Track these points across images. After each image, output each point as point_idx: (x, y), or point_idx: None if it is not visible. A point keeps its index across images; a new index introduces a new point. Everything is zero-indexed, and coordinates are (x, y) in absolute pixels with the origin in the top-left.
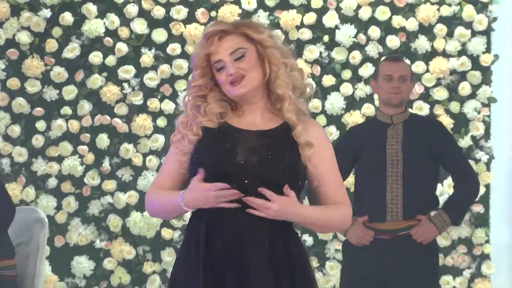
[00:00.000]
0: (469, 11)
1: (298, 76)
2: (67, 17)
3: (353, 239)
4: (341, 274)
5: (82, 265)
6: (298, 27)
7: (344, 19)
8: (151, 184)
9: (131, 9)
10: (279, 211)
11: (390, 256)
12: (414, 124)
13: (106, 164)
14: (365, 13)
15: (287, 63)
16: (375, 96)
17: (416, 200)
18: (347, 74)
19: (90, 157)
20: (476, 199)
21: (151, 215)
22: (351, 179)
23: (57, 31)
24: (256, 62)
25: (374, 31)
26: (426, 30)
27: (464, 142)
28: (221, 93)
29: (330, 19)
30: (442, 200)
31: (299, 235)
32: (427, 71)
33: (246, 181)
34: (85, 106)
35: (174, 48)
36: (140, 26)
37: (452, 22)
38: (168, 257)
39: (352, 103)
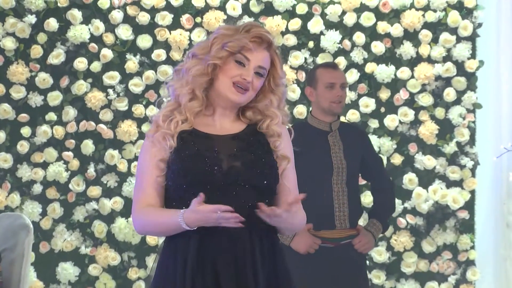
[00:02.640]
0: (454, 17)
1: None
2: (52, 23)
3: (300, 247)
4: None
5: (67, 271)
6: (283, 33)
7: (329, 25)
8: (135, 201)
9: (116, 15)
10: (276, 222)
11: (331, 262)
12: (346, 131)
13: (91, 170)
14: (350, 19)
15: (283, 105)
16: (361, 102)
17: (355, 207)
18: None
19: (75, 163)
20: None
21: (141, 233)
22: None
23: (42, 37)
24: (260, 86)
25: (359, 37)
26: (411, 36)
27: (449, 148)
28: (208, 81)
29: (315, 25)
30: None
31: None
32: (412, 77)
33: (233, 188)
34: (70, 112)
35: (159, 54)
36: (125, 32)
37: (437, 28)
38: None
39: None
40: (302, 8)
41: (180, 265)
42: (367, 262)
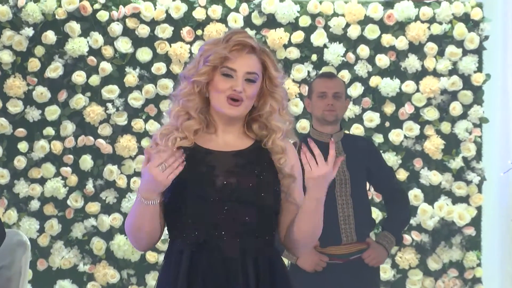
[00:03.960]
0: (460, 29)
1: (290, 117)
2: (49, 36)
3: (306, 265)
4: None
5: None
6: (285, 46)
7: (332, 38)
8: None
9: (115, 28)
10: (323, 179)
11: (341, 280)
12: (350, 143)
13: (89, 186)
14: (354, 32)
15: (285, 105)
16: (365, 116)
17: (363, 219)
18: None
19: (73, 179)
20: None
21: (133, 241)
22: None
23: (39, 50)
24: (257, 93)
25: (363, 50)
26: (416, 49)
27: (455, 163)
28: (202, 101)
29: (319, 38)
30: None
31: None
32: (418, 90)
33: (228, 205)
34: (68, 127)
35: (159, 68)
36: (124, 45)
37: (443, 40)
38: (153, 281)
39: (341, 123)
40: (305, 21)
41: (172, 282)
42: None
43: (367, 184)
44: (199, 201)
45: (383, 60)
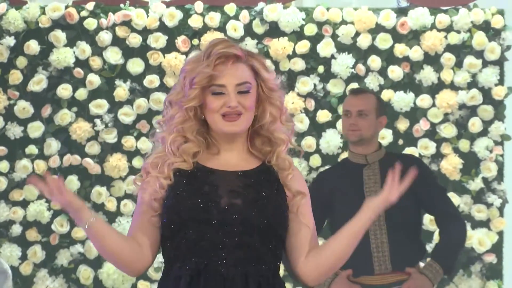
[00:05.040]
0: (480, 38)
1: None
2: (32, 46)
3: None
4: None
5: None
6: (289, 57)
7: (341, 48)
8: None
9: (104, 37)
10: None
11: None
12: (391, 162)
13: None
14: (364, 41)
15: (284, 110)
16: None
17: (403, 246)
18: None
19: None
20: (465, 243)
21: (116, 267)
22: None
23: (21, 61)
24: (255, 101)
25: (374, 61)
26: (432, 59)
27: (475, 184)
28: (199, 123)
29: (326, 48)
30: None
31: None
32: (434, 105)
33: (231, 228)
34: (53, 145)
35: (151, 80)
36: (114, 56)
37: (461, 51)
38: None
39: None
40: (311, 29)
41: None
42: None
43: (416, 208)
44: (200, 224)
45: (396, 72)
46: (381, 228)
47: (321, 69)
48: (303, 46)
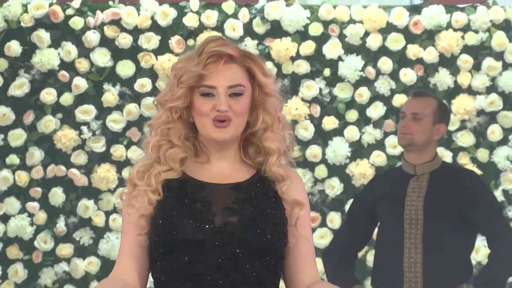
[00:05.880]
0: (499, 39)
1: (287, 134)
2: (14, 47)
3: None
4: None
5: None
6: (293, 59)
7: (349, 49)
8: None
9: (92, 37)
10: None
11: None
12: (443, 176)
13: (61, 225)
14: (374, 42)
15: (281, 118)
16: (387, 142)
17: (440, 269)
18: (352, 115)
19: (41, 216)
20: None
21: None
22: None
23: (2, 64)
24: (248, 107)
25: (385, 64)
26: (448, 62)
27: None
28: (186, 126)
29: (332, 49)
30: None
31: None
32: (450, 111)
33: (227, 248)
34: (36, 154)
35: (143, 84)
36: (102, 58)
37: (479, 52)
38: None
39: (359, 150)
40: (316, 29)
41: None
42: None
43: (462, 227)
44: (193, 246)
45: (408, 76)
46: (416, 247)
47: (327, 72)
48: (308, 47)
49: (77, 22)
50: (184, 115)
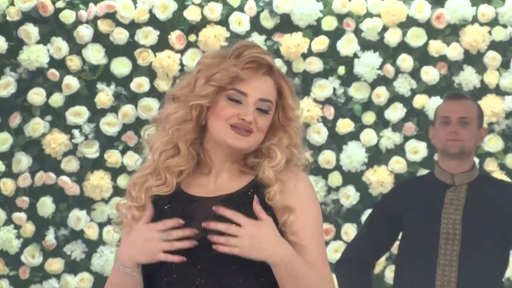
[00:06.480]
0: None
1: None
2: None
3: None
4: None
5: None
6: (304, 56)
7: (365, 45)
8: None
9: (84, 32)
10: (256, 242)
11: None
12: (482, 188)
13: (50, 238)
14: (393, 37)
15: (298, 144)
16: (407, 147)
17: (483, 286)
18: (369, 117)
19: (29, 228)
20: None
21: None
22: None
23: None
24: (268, 125)
25: (405, 61)
26: (474, 59)
27: None
28: (196, 129)
29: (347, 45)
30: None
31: None
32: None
33: (206, 266)
34: (23, 160)
35: (140, 83)
36: (95, 55)
37: (507, 48)
38: None
39: (376, 156)
40: (330, 23)
41: None
42: None
43: (503, 246)
44: (172, 265)
45: (430, 74)
46: (451, 264)
47: (341, 70)
48: (321, 43)
49: (68, 16)
50: (201, 116)
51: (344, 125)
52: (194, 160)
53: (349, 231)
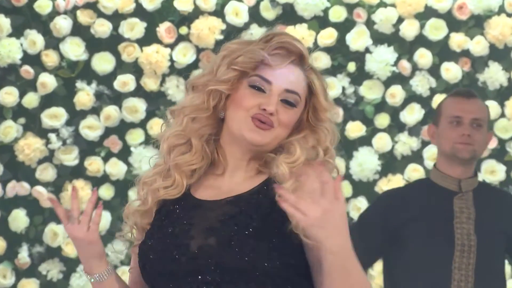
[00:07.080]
0: None
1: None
2: None
3: None
4: None
5: None
6: (310, 50)
7: (378, 39)
8: None
9: (62, 24)
10: (324, 219)
11: None
12: (485, 196)
13: (23, 255)
14: (409, 30)
15: (329, 150)
16: (426, 153)
17: None
18: (383, 120)
19: (0, 245)
20: None
21: None
22: None
23: None
24: (294, 123)
25: (424, 57)
26: (501, 54)
27: None
28: (213, 124)
29: (358, 39)
30: None
31: None
32: (502, 115)
33: (205, 276)
34: None
35: (124, 82)
36: (74, 49)
37: None
38: None
39: (391, 163)
40: (338, 14)
41: None
42: None
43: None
44: (165, 277)
45: (452, 71)
46: (467, 280)
47: (352, 67)
48: (328, 37)
49: (44, 6)
50: (219, 106)
51: (355, 129)
52: (207, 160)
53: None
